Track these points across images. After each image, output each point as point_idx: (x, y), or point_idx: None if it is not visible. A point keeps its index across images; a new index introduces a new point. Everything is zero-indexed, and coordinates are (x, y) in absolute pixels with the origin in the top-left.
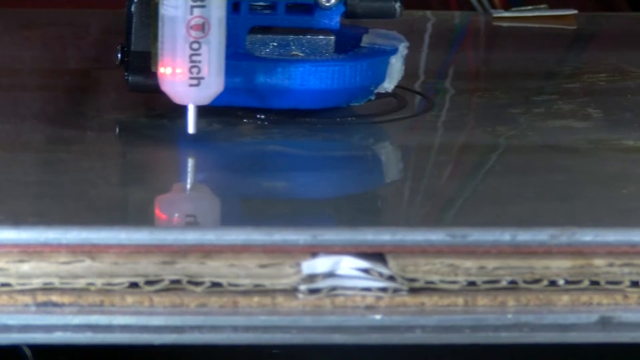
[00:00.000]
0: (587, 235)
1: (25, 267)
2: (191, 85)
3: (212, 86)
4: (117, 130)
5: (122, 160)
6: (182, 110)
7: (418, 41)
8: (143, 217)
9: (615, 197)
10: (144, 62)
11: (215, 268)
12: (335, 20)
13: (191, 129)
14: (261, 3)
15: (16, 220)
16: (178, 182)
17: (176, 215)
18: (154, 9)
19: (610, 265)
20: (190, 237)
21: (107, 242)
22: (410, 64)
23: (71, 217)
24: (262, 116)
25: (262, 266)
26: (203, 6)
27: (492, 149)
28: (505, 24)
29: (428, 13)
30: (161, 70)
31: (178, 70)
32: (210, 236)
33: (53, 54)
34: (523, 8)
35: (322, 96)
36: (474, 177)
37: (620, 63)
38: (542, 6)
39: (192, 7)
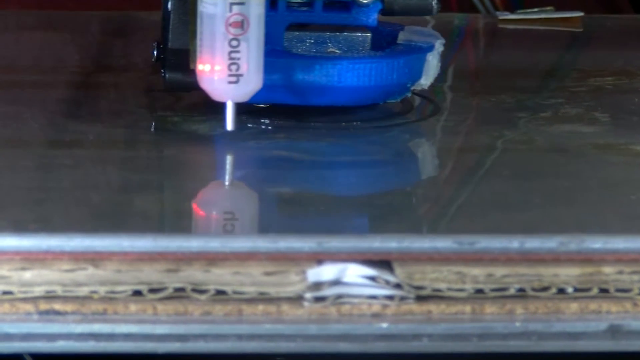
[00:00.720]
0: (596, 243)
1: (28, 275)
2: (230, 82)
3: (251, 83)
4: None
5: (127, 165)
6: (192, 111)
7: None
8: (147, 224)
9: (624, 203)
10: (181, 59)
11: (220, 276)
12: (373, 18)
13: (230, 125)
14: (298, 0)
15: (18, 227)
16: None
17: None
18: (192, 6)
19: (620, 272)
20: (195, 244)
21: (110, 250)
22: None
23: (74, 223)
24: (267, 120)
25: (267, 274)
26: (242, 3)
27: (499, 154)
28: (510, 27)
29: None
30: (200, 67)
31: (217, 67)
32: (215, 243)
33: (53, 56)
34: (529, 10)
35: (359, 93)
36: (481, 183)
37: (627, 65)
38: (548, 8)
39: (231, 4)
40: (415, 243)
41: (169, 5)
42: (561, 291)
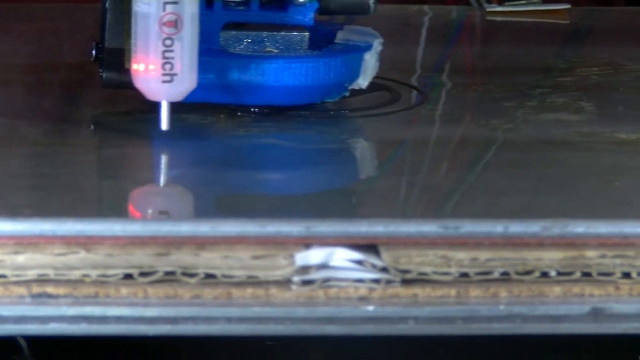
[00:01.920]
0: (579, 227)
1: (21, 259)
2: (164, 81)
3: (185, 82)
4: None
5: (116, 154)
6: (176, 105)
7: (414, 35)
8: (137, 210)
9: (608, 190)
10: (118, 58)
11: (209, 259)
12: (309, 17)
13: (164, 125)
14: (234, 0)
15: (12, 212)
16: (161, 176)
17: (166, 209)
18: (127, 5)
19: (602, 256)
20: (185, 228)
21: (102, 234)
22: (405, 57)
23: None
24: (256, 109)
25: (256, 257)
26: (176, 2)
27: (486, 143)
28: (498, 19)
29: (425, 7)
30: (134, 66)
31: (151, 67)
32: (205, 227)
33: (48, 49)
34: (516, 2)
35: (296, 93)
36: (468, 170)
37: (614, 57)
38: (536, 0)
39: (165, 3)
40: (401, 227)
41: (106, 5)
42: (544, 275)
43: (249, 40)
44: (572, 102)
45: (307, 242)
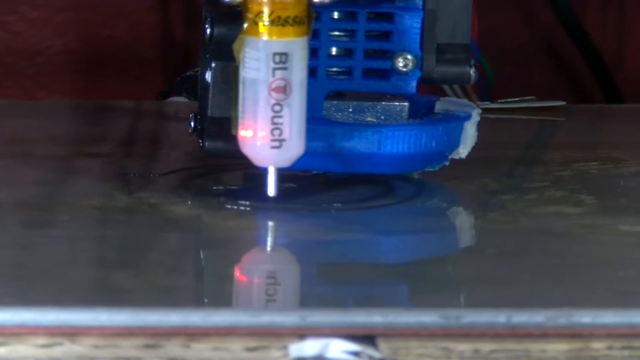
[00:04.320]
0: (586, 317)
1: (2, 351)
2: (273, 147)
3: (294, 148)
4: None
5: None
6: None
7: None
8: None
9: (613, 280)
10: (221, 127)
11: (200, 351)
12: (412, 85)
13: (271, 191)
14: (337, 69)
15: None
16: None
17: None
18: (234, 73)
19: (610, 348)
20: (174, 318)
21: (87, 324)
22: None
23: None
24: (247, 202)
25: (249, 349)
26: (285, 68)
27: (484, 234)
28: (492, 116)
29: None
30: (242, 133)
31: (260, 133)
32: (195, 318)
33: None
34: (510, 100)
35: (398, 161)
36: (466, 260)
37: (612, 152)
38: (529, 98)
39: (274, 69)
40: (400, 317)
41: (207, 76)
42: None
43: (350, 110)
44: (572, 196)
45: (301, 333)
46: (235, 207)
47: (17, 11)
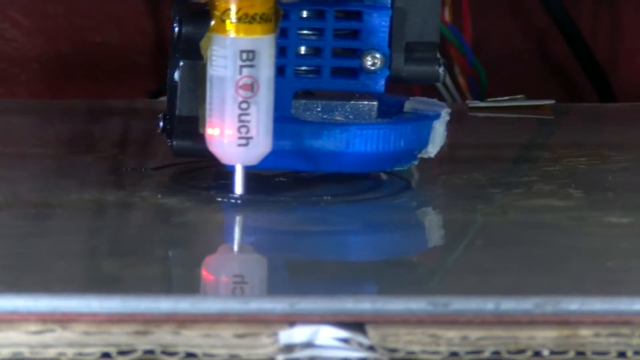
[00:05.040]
0: (573, 304)
1: None
2: (240, 145)
3: (261, 146)
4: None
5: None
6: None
7: None
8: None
9: (601, 269)
10: (189, 126)
11: (190, 338)
12: (380, 84)
13: (239, 189)
14: (305, 67)
15: None
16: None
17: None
18: (202, 71)
19: (597, 335)
20: (164, 305)
21: (79, 311)
22: None
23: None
24: (237, 195)
25: (238, 336)
26: (252, 66)
27: (473, 225)
28: (481, 114)
29: None
30: (209, 131)
31: (227, 131)
32: (185, 304)
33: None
34: (499, 98)
35: (367, 159)
36: (455, 251)
37: (600, 148)
38: (519, 96)
39: (242, 66)
40: (389, 304)
41: (176, 75)
42: (537, 354)
43: (319, 109)
44: (560, 189)
45: (291, 320)
46: (225, 200)
47: (10, 18)
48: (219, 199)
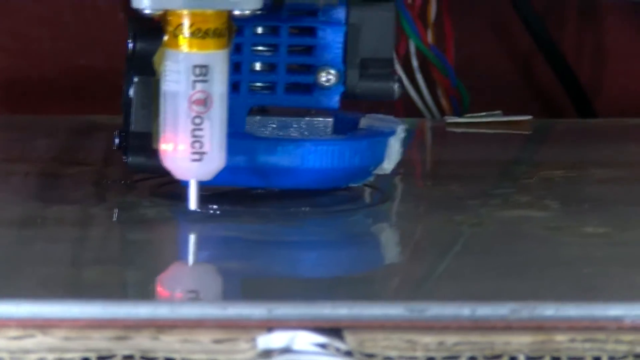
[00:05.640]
0: (549, 310)
1: None
2: (193, 160)
3: (215, 161)
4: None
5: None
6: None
7: None
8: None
9: (576, 276)
10: (144, 142)
11: (169, 343)
12: (335, 100)
13: (193, 204)
14: (260, 83)
15: None
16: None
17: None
18: (155, 86)
19: (572, 340)
20: (143, 311)
21: (59, 316)
22: None
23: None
24: (216, 206)
25: (217, 341)
26: (205, 81)
27: (450, 235)
28: (459, 130)
29: None
30: (163, 146)
31: (181, 146)
32: (164, 310)
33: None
34: (477, 114)
35: (322, 176)
36: (431, 259)
37: (577, 162)
38: (496, 112)
39: (195, 81)
40: (366, 310)
41: (130, 91)
42: (513, 359)
43: (274, 125)
44: (537, 201)
45: (269, 325)
46: (204, 211)
47: None
48: (198, 210)
